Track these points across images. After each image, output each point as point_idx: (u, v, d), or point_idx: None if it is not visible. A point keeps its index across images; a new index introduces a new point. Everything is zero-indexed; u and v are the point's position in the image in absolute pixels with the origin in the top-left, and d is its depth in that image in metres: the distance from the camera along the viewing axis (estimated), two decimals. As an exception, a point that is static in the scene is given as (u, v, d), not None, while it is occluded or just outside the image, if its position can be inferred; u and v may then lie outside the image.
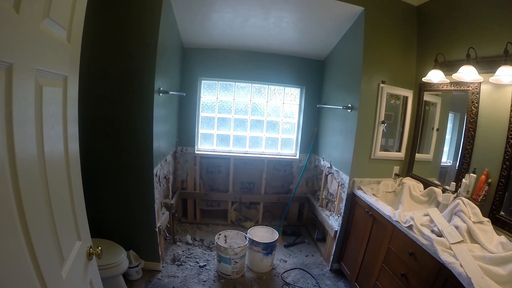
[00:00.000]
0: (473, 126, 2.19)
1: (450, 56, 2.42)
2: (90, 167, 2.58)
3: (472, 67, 2.03)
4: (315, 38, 3.43)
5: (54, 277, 0.89)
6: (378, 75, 2.79)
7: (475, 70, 2.02)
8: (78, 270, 1.11)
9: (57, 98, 1.02)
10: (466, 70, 2.04)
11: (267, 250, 3.04)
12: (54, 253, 0.93)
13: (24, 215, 0.76)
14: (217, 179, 4.19)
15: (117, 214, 2.81)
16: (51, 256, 0.91)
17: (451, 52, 2.43)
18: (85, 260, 1.19)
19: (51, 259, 0.90)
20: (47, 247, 0.89)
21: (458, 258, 1.62)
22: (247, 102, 4.08)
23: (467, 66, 2.04)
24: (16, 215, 0.73)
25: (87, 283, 1.20)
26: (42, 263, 0.82)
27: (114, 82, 2.58)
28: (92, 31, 2.33)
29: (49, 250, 0.90)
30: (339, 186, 3.18)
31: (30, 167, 0.82)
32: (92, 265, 1.27)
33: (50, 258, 0.89)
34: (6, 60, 0.68)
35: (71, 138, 1.13)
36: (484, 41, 2.13)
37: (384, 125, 2.87)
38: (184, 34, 3.43)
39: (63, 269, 0.98)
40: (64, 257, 1.00)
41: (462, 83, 2.30)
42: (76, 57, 1.16)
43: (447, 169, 2.58)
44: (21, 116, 0.76)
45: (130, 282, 2.72)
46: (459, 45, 2.35)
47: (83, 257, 1.17)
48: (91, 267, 1.25)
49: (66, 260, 1.02)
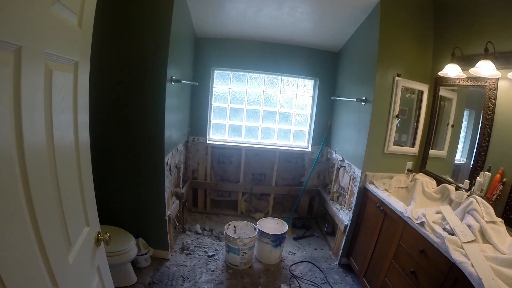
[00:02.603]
0: (489, 123, 2.12)
1: (468, 51, 2.34)
2: (101, 155, 2.63)
3: (490, 62, 1.95)
4: (330, 29, 3.35)
5: (60, 262, 0.91)
6: (394, 68, 2.71)
7: (493, 65, 1.95)
8: (85, 256, 1.13)
9: (68, 83, 1.02)
10: (484, 65, 1.97)
11: (276, 242, 3.04)
12: (61, 237, 0.94)
13: (31, 199, 0.76)
14: (228, 169, 4.20)
15: (127, 202, 2.86)
16: (58, 240, 0.92)
17: (468, 46, 2.34)
18: (93, 246, 1.20)
19: (57, 243, 0.91)
20: (54, 232, 0.90)
21: (469, 258, 1.58)
22: (260, 93, 4.05)
23: (485, 61, 1.97)
24: (23, 199, 0.74)
25: (94, 269, 1.21)
26: (48, 247, 0.83)
27: (127, 70, 2.59)
28: (106, 19, 2.34)
29: (56, 234, 0.91)
30: (351, 180, 3.14)
31: (38, 152, 0.82)
32: (100, 251, 1.28)
33: (56, 242, 0.90)
34: (15, 43, 0.67)
35: (81, 125, 1.14)
36: (503, 36, 2.04)
37: (398, 119, 2.80)
38: (197, 23, 3.41)
39: (70, 254, 0.99)
40: (71, 242, 1.01)
41: (479, 79, 2.22)
42: (87, 43, 1.16)
43: (460, 167, 2.51)
44: (30, 99, 0.76)
45: (139, 270, 2.77)
46: (477, 39, 2.25)
47: (91, 242, 1.19)
48: (99, 253, 1.27)
49: (74, 245, 1.03)
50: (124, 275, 2.53)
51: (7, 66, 0.66)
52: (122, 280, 2.51)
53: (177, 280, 2.72)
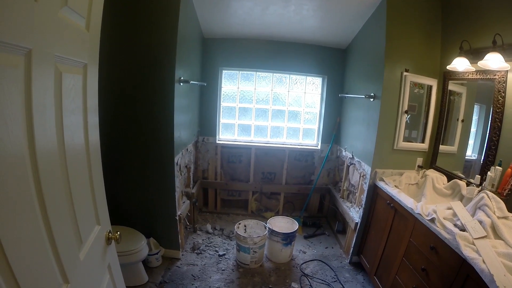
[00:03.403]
0: (499, 116, 2.08)
1: (476, 44, 2.30)
2: (111, 156, 2.68)
3: (498, 55, 1.92)
4: (336, 26, 3.34)
5: (71, 258, 0.93)
6: (401, 63, 2.69)
7: (501, 58, 1.91)
8: (96, 254, 1.16)
9: (77, 85, 1.04)
10: (492, 58, 1.94)
11: (286, 241, 3.05)
12: (72, 235, 0.97)
13: (42, 198, 0.79)
14: (238, 169, 4.22)
15: (138, 202, 2.91)
16: (69, 237, 0.95)
17: (476, 39, 2.30)
18: (104, 244, 1.23)
19: (68, 240, 0.94)
20: (65, 229, 0.92)
21: (481, 254, 1.55)
22: (268, 92, 4.06)
23: (493, 53, 1.93)
24: (35, 198, 0.77)
25: (105, 267, 1.24)
26: (59, 243, 0.85)
27: (135, 72, 2.64)
28: (113, 21, 2.39)
29: (67, 232, 0.94)
30: (361, 177, 3.12)
31: (49, 152, 0.85)
32: (111, 249, 1.31)
33: (67, 239, 0.93)
34: (25, 46, 0.70)
35: (91, 127, 1.16)
36: (511, 28, 2.00)
37: (407, 115, 2.78)
38: (204, 24, 3.44)
39: (81, 251, 1.02)
40: (82, 240, 1.04)
41: (488, 72, 2.19)
42: (95, 45, 1.18)
43: (471, 163, 2.46)
44: (41, 101, 0.78)
45: (150, 269, 2.81)
46: (485, 32, 2.21)
47: (102, 241, 1.21)
48: (110, 251, 1.30)
49: (85, 243, 1.06)
50: (136, 275, 2.57)
51: (18, 68, 0.69)
52: (133, 280, 2.55)
53: (188, 279, 2.75)
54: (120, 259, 1.50)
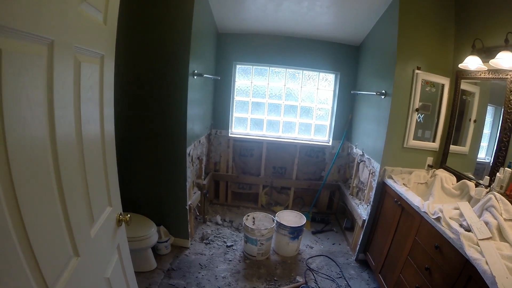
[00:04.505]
0: (511, 117, 2.05)
1: (489, 42, 2.26)
2: (125, 146, 2.77)
3: (510, 53, 1.89)
4: (349, 22, 3.34)
5: (83, 234, 1.01)
6: (413, 61, 2.66)
7: (514, 56, 1.89)
8: (106, 233, 1.23)
9: (94, 73, 1.12)
10: (504, 56, 1.91)
11: (293, 234, 3.09)
12: (85, 213, 1.05)
13: (60, 176, 0.87)
14: (249, 162, 4.27)
15: (150, 191, 3.01)
16: (82, 214, 1.02)
17: (489, 37, 2.26)
18: (114, 225, 1.31)
19: (81, 217, 1.02)
20: (79, 207, 1.00)
21: (484, 255, 1.55)
22: (281, 87, 4.09)
23: (505, 52, 1.91)
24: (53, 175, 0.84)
25: (114, 247, 1.32)
26: (73, 219, 0.93)
27: (151, 64, 2.72)
28: (129, 16, 2.46)
29: (80, 209, 1.02)
30: (370, 174, 3.13)
31: (68, 135, 0.92)
32: (121, 231, 1.39)
33: (80, 216, 1.01)
34: (48, 37, 0.77)
35: (107, 116, 1.24)
36: None
37: (418, 114, 2.76)
38: (219, 19, 3.49)
39: (92, 229, 1.10)
40: (94, 218, 1.11)
41: (500, 71, 2.15)
42: (112, 38, 1.25)
43: (484, 165, 2.39)
44: (61, 87, 0.86)
45: (159, 256, 2.91)
46: (498, 30, 2.17)
47: (112, 222, 1.29)
48: (120, 233, 1.37)
49: (96, 221, 1.14)
50: (145, 261, 2.67)
51: (42, 56, 0.77)
52: (142, 265, 2.65)
53: (195, 267, 2.83)
54: (130, 244, 1.57)
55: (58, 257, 0.87)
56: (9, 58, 0.63)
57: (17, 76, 0.67)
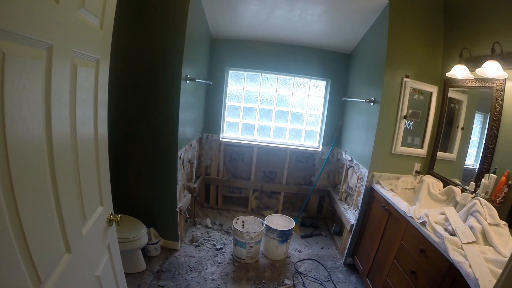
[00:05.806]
0: (496, 124, 2.12)
1: (476, 51, 2.34)
2: (117, 148, 2.77)
3: (496, 63, 1.95)
4: (340, 30, 3.41)
5: (74, 230, 1.03)
6: (402, 69, 2.74)
7: (499, 66, 1.95)
8: (97, 232, 1.26)
9: (90, 77, 1.15)
10: (490, 65, 1.97)
11: (282, 238, 3.12)
12: (77, 211, 1.07)
13: (54, 174, 0.89)
14: (240, 166, 4.30)
15: (141, 193, 3.01)
16: (74, 212, 1.05)
17: (477, 47, 2.34)
18: (105, 224, 1.33)
19: (73, 214, 1.04)
20: (71, 204, 1.02)
21: (468, 259, 1.59)
22: (273, 93, 4.14)
23: (491, 61, 1.97)
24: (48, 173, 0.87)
25: (105, 246, 1.34)
26: (66, 216, 0.96)
27: (144, 68, 2.74)
28: (123, 21, 2.49)
29: (73, 207, 1.04)
30: (359, 179, 3.19)
31: (63, 136, 0.95)
32: (112, 231, 1.41)
33: (73, 213, 1.03)
34: (48, 41, 0.81)
35: (101, 118, 1.27)
36: (510, 36, 2.03)
37: (408, 121, 2.83)
38: (212, 25, 3.54)
39: (84, 227, 1.12)
40: (86, 216, 1.14)
41: (486, 80, 2.23)
42: (107, 43, 1.29)
43: (472, 172, 2.43)
44: (59, 89, 0.89)
45: (148, 258, 2.91)
46: (485, 40, 2.25)
47: (103, 221, 1.31)
48: (111, 232, 1.39)
49: (88, 219, 1.16)
50: (135, 262, 2.67)
51: (41, 60, 0.80)
52: (132, 267, 2.65)
53: (184, 269, 2.84)
54: (120, 245, 1.59)
55: (51, 252, 0.89)
56: (12, 61, 0.66)
57: (19, 78, 0.70)
